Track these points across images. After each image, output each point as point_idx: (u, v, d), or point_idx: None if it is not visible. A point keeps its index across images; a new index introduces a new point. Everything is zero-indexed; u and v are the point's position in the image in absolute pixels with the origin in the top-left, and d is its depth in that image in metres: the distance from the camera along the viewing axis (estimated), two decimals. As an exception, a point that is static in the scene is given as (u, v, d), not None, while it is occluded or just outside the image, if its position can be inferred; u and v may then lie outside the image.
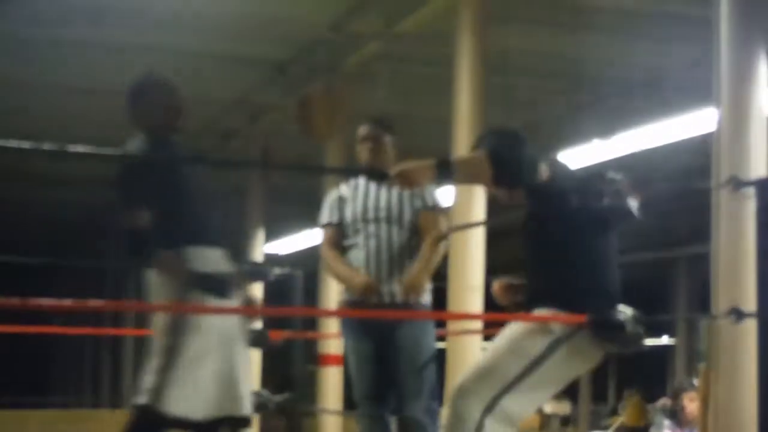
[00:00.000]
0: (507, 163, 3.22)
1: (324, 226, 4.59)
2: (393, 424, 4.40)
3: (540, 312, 3.31)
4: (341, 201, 4.56)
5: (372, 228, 4.42)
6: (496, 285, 3.58)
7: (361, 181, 4.59)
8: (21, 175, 13.59)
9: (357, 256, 4.42)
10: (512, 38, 7.99)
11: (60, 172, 13.66)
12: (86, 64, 9.01)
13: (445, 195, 4.68)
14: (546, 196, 3.33)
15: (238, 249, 11.46)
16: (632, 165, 3.56)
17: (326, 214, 4.59)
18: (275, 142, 10.71)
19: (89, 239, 19.14)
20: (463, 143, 6.32)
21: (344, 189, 4.60)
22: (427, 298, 4.41)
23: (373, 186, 4.53)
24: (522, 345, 3.30)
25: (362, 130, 4.55)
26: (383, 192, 4.47)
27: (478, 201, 6.26)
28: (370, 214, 4.45)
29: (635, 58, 8.56)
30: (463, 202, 6.29)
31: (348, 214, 4.52)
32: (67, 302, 2.60)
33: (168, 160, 3.75)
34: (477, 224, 6.23)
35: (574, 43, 8.11)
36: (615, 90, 9.30)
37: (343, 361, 5.48)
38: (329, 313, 3.53)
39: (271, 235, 12.89)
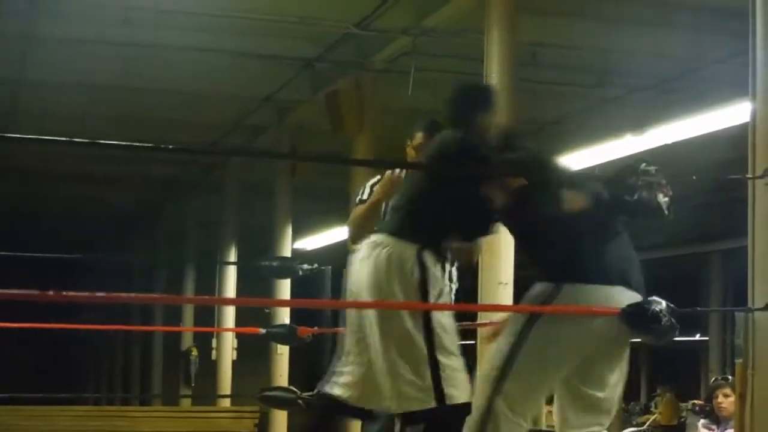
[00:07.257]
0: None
1: (357, 204, 4.60)
2: None
3: (534, 288, 3.33)
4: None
5: None
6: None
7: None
8: (43, 172, 13.69)
9: None
10: (542, 31, 7.92)
11: (90, 170, 13.74)
12: (117, 63, 9.02)
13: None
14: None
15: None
16: (665, 158, 3.52)
17: (362, 193, 4.61)
18: (304, 138, 10.70)
19: (117, 237, 19.27)
20: (493, 138, 6.25)
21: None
22: None
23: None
24: (509, 325, 3.36)
25: (420, 138, 4.38)
26: None
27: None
28: None
29: (669, 50, 8.46)
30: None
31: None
32: (100, 295, 2.56)
33: None
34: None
35: (605, 35, 8.03)
36: (647, 83, 9.21)
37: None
38: (357, 305, 3.49)
39: (299, 232, 12.89)
